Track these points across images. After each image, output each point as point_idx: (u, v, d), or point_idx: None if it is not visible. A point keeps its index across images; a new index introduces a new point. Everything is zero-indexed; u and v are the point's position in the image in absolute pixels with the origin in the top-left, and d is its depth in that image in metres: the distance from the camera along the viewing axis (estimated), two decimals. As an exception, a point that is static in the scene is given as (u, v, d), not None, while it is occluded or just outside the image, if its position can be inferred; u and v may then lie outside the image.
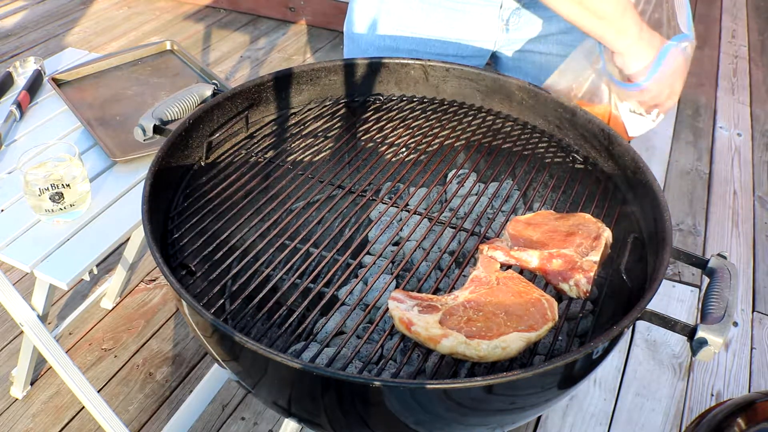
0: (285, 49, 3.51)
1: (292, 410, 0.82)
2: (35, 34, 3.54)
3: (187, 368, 1.83)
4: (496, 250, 0.86)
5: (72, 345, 1.89)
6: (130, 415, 1.71)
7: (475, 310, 0.77)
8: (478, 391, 0.69)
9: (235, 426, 1.69)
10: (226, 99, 1.04)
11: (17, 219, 1.23)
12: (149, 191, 0.86)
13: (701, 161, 2.78)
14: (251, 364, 0.76)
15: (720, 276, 0.81)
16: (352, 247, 0.90)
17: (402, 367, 0.75)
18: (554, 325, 0.77)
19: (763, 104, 3.19)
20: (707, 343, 0.71)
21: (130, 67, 1.64)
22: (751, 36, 3.79)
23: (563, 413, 1.74)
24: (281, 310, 0.81)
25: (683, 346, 1.92)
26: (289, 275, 0.98)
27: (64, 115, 1.50)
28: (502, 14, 1.22)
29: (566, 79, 1.09)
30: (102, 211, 1.27)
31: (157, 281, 2.10)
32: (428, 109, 1.16)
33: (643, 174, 0.93)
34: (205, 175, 0.99)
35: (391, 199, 0.99)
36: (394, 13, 1.26)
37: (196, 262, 0.86)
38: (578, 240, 0.86)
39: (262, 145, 1.06)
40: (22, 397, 1.74)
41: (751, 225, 2.43)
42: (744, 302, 2.10)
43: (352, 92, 1.16)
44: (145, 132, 0.99)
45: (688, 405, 1.78)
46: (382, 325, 0.94)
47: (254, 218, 0.93)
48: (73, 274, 1.16)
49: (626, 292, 0.85)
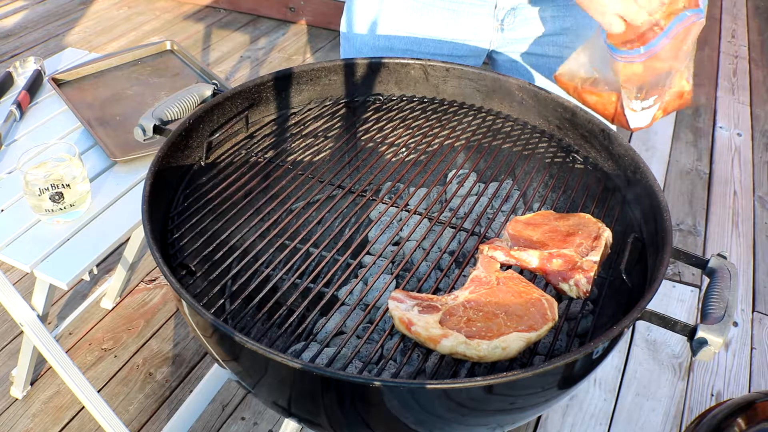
0: (285, 49, 3.51)
1: (292, 410, 0.82)
2: (35, 34, 3.54)
3: (187, 368, 1.83)
4: (496, 250, 0.86)
5: (72, 345, 1.89)
6: (130, 415, 1.71)
7: (475, 310, 0.77)
8: (478, 391, 0.69)
9: (235, 426, 1.69)
10: (226, 99, 1.04)
11: (17, 219, 1.23)
12: (149, 191, 0.86)
13: (701, 161, 2.78)
14: (251, 364, 0.76)
15: (720, 276, 0.81)
16: (352, 247, 0.90)
17: (402, 367, 0.75)
18: (554, 325, 0.77)
19: (763, 104, 3.19)
20: (707, 343, 0.71)
21: (130, 67, 1.64)
22: (751, 36, 3.79)
23: (563, 413, 1.74)
24: (281, 310, 0.81)
25: (683, 346, 1.92)
26: (289, 275, 0.98)
27: (64, 115, 1.50)
28: (497, 14, 1.22)
29: (582, 57, 1.07)
30: (102, 211, 1.27)
31: (157, 281, 2.10)
32: (428, 109, 1.16)
33: (643, 174, 0.93)
34: (205, 175, 0.99)
35: (391, 199, 0.99)
36: (389, 13, 1.27)
37: (196, 262, 0.86)
38: (578, 240, 0.86)
39: (262, 145, 1.06)
40: (22, 397, 1.74)
41: (751, 225, 2.43)
42: (744, 302, 2.10)
43: (352, 92, 1.16)
44: (145, 132, 1.00)
45: (688, 405, 1.78)
46: (382, 325, 0.94)
47: (254, 218, 0.93)
48: (73, 274, 1.16)
49: (626, 292, 0.85)
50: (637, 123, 1.05)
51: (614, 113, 1.05)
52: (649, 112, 1.04)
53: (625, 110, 1.03)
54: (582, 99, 1.08)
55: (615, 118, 1.06)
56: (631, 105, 1.02)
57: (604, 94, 1.05)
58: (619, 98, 1.03)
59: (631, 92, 1.01)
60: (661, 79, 0.99)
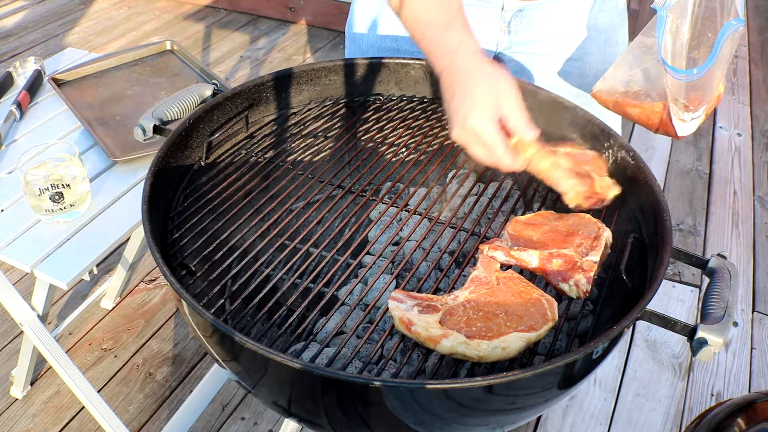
0: (285, 49, 3.51)
1: (292, 410, 0.82)
2: (35, 34, 3.54)
3: (187, 368, 1.83)
4: (496, 250, 0.86)
5: (72, 345, 1.89)
6: (130, 415, 1.71)
7: (475, 310, 0.77)
8: (478, 391, 0.69)
9: (235, 426, 1.69)
10: (226, 99, 1.04)
11: (17, 219, 1.23)
12: (149, 191, 0.86)
13: (701, 161, 2.78)
14: (251, 364, 0.76)
15: (720, 276, 0.81)
16: (352, 247, 0.90)
17: (402, 367, 0.75)
18: (554, 325, 0.77)
19: (763, 104, 3.19)
20: (707, 343, 0.71)
21: (130, 67, 1.64)
22: (751, 36, 3.79)
23: (563, 413, 1.74)
24: (281, 310, 0.81)
25: (683, 346, 1.92)
26: (289, 275, 0.98)
27: (64, 115, 1.50)
28: (503, 16, 1.22)
29: (620, 72, 1.06)
30: (102, 211, 1.27)
31: (157, 281, 2.10)
32: (428, 109, 1.16)
33: (643, 174, 0.93)
34: (205, 175, 0.99)
35: (391, 199, 0.99)
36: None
37: (196, 262, 0.86)
38: (578, 240, 0.86)
39: (262, 145, 1.06)
40: (22, 397, 1.74)
41: (751, 225, 2.43)
42: (744, 302, 2.10)
43: (352, 92, 1.16)
44: (145, 132, 1.00)
45: (688, 405, 1.78)
46: (382, 325, 0.94)
47: (254, 218, 0.93)
48: (73, 274, 1.16)
49: (626, 292, 0.85)
50: (685, 132, 1.06)
51: (659, 123, 1.06)
52: (697, 121, 1.05)
53: (674, 121, 1.04)
54: (624, 112, 1.08)
55: (660, 127, 1.06)
56: (682, 116, 1.03)
57: (646, 106, 1.05)
58: (665, 109, 1.04)
59: (681, 105, 1.02)
60: (710, 90, 1.00)
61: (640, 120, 1.08)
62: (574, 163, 0.96)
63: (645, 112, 1.05)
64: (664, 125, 1.06)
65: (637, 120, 1.08)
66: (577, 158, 0.99)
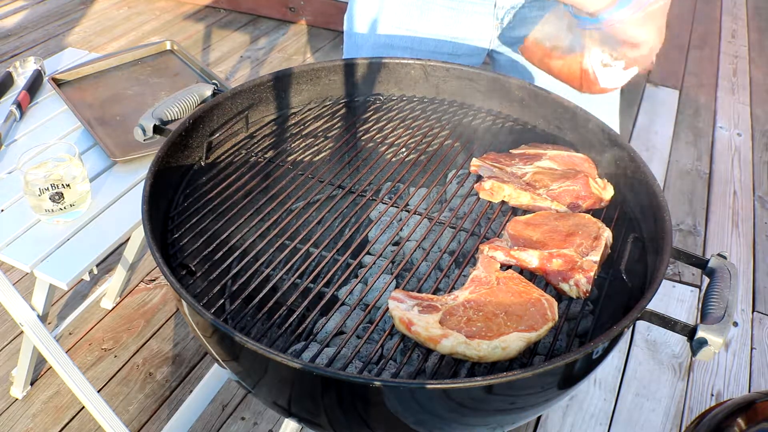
0: (285, 49, 3.51)
1: (292, 410, 0.82)
2: (35, 34, 3.54)
3: (187, 368, 1.83)
4: (496, 250, 0.86)
5: (72, 345, 1.89)
6: (130, 415, 1.71)
7: (475, 310, 0.77)
8: (478, 391, 0.69)
9: (235, 426, 1.69)
10: (226, 99, 1.04)
11: (17, 219, 1.23)
12: (149, 191, 0.86)
13: (701, 161, 2.78)
14: (251, 364, 0.76)
15: (720, 276, 0.81)
16: (352, 247, 0.90)
17: (402, 367, 0.75)
18: (554, 325, 0.77)
19: (763, 104, 3.19)
20: (707, 343, 0.71)
21: (130, 67, 1.64)
22: (751, 36, 3.79)
23: (563, 413, 1.74)
24: (281, 310, 0.81)
25: (683, 346, 1.92)
26: (289, 275, 0.98)
27: (64, 115, 1.50)
28: (497, 13, 1.23)
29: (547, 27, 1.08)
30: (102, 211, 1.27)
31: (157, 281, 2.10)
32: (428, 109, 1.16)
33: (643, 174, 0.93)
34: (205, 175, 0.99)
35: (391, 199, 0.99)
36: (390, 12, 1.27)
37: (196, 262, 0.86)
38: (578, 240, 0.86)
39: (262, 145, 1.06)
40: (22, 397, 1.74)
41: (751, 225, 2.43)
42: (744, 302, 2.10)
43: (352, 92, 1.16)
44: (145, 132, 0.99)
45: (688, 405, 1.78)
46: (382, 325, 0.94)
47: (254, 218, 0.93)
48: (73, 274, 1.16)
49: (626, 292, 0.85)
50: (609, 83, 1.05)
51: (581, 75, 1.06)
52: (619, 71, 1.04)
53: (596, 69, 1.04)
54: (548, 67, 1.09)
55: (584, 82, 1.06)
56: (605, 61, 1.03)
57: (568, 58, 1.06)
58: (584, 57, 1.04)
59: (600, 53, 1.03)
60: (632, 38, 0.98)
61: (562, 74, 1.08)
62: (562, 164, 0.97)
63: (567, 63, 1.06)
64: (586, 77, 1.06)
65: (560, 74, 1.08)
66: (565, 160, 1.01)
